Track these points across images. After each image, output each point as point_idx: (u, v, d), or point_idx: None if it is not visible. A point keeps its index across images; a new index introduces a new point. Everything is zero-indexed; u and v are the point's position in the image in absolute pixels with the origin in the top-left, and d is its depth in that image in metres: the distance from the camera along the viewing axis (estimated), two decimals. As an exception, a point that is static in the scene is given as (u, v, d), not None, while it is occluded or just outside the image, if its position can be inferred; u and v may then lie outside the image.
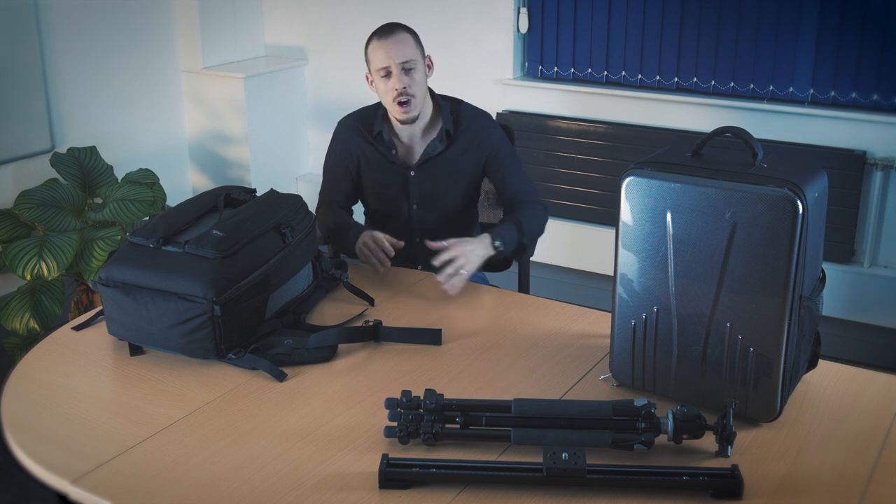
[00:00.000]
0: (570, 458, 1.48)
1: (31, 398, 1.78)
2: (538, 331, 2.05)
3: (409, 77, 2.32)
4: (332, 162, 2.53)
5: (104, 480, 1.52)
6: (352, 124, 2.49)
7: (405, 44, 2.33)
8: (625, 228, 1.69)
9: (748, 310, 1.60)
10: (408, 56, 2.32)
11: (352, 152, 2.48)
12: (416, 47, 2.36)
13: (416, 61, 2.34)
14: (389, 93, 2.33)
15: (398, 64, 2.31)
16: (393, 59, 2.31)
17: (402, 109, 2.34)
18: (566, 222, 4.02)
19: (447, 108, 2.44)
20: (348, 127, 2.49)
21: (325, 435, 1.65)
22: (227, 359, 1.88)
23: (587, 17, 3.92)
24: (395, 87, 2.31)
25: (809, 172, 1.61)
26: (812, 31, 3.48)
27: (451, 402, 1.62)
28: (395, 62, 2.31)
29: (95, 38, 3.97)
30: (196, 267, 1.87)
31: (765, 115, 3.61)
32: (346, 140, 2.48)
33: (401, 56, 2.31)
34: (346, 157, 2.49)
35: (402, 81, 2.31)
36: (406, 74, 2.32)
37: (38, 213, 3.25)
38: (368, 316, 2.11)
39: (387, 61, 2.31)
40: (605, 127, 3.88)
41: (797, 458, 1.57)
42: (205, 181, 4.54)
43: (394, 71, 2.31)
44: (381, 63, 2.32)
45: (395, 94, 2.32)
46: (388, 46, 2.32)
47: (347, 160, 2.49)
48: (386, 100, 2.37)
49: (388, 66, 2.31)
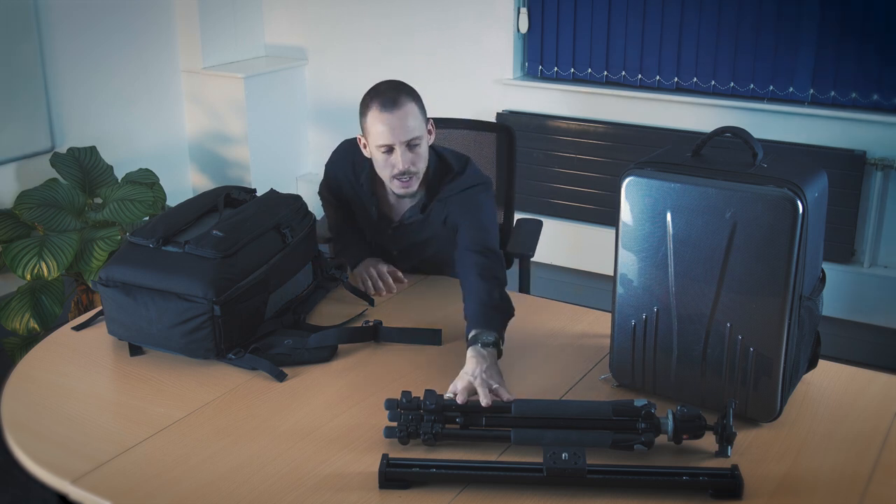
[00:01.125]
0: (570, 458, 1.48)
1: (31, 398, 1.78)
2: (538, 331, 2.04)
3: (413, 153, 2.06)
4: (328, 174, 2.37)
5: (104, 480, 1.52)
6: (345, 157, 2.30)
7: (411, 118, 2.04)
8: (625, 228, 1.69)
9: (748, 310, 1.60)
10: (414, 133, 2.05)
11: (342, 187, 2.33)
12: (421, 117, 2.08)
13: (422, 136, 2.07)
14: (389, 168, 2.08)
15: (403, 142, 2.04)
16: (398, 138, 2.03)
17: (403, 185, 2.10)
18: (566, 222, 4.02)
19: (429, 178, 2.18)
20: (341, 157, 2.32)
21: (325, 435, 1.65)
22: (227, 359, 1.88)
23: (587, 17, 3.92)
24: (399, 167, 2.06)
25: (809, 172, 1.61)
26: (812, 31, 3.48)
27: (451, 403, 1.62)
28: (399, 140, 2.04)
29: (95, 38, 3.97)
30: (196, 267, 1.87)
31: (765, 115, 3.61)
32: (337, 168, 2.33)
33: (406, 134, 2.04)
34: (337, 183, 2.35)
35: (405, 161, 2.05)
36: (410, 151, 2.06)
37: (38, 213, 3.25)
38: (368, 316, 2.11)
39: (391, 139, 2.04)
40: (605, 127, 3.88)
41: (797, 458, 1.57)
42: (205, 181, 4.53)
43: (397, 150, 2.05)
44: (382, 140, 2.04)
45: (396, 171, 2.07)
46: (394, 123, 2.03)
47: (338, 185, 2.35)
48: (384, 173, 2.12)
49: (392, 143, 2.05)
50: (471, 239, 2.08)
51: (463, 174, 2.20)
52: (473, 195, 2.18)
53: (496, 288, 1.96)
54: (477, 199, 2.17)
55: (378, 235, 2.33)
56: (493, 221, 2.17)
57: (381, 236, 2.33)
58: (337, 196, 2.39)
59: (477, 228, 2.11)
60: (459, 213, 2.16)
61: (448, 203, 2.18)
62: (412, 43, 4.19)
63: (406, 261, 2.34)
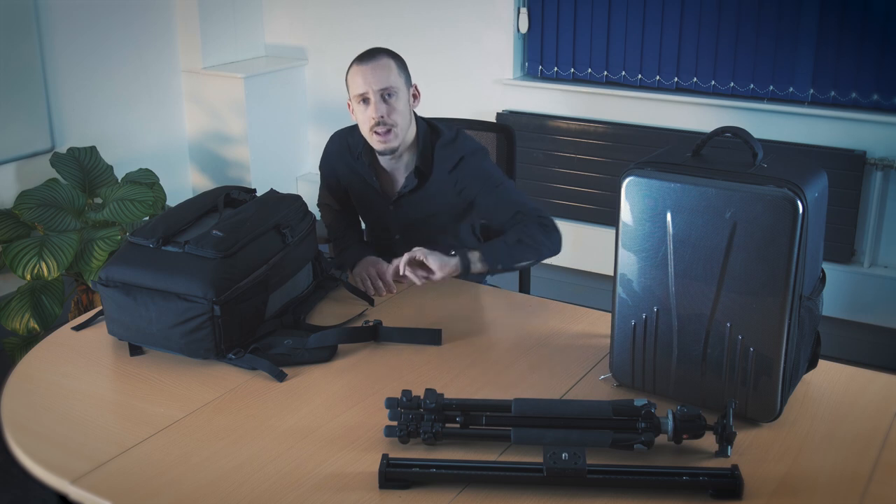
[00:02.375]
0: (570, 458, 1.48)
1: (31, 398, 1.78)
2: (538, 331, 2.05)
3: (387, 105, 2.18)
4: (324, 173, 2.47)
5: (104, 480, 1.52)
6: (340, 143, 2.40)
7: (386, 69, 2.19)
8: (625, 228, 1.69)
9: (748, 310, 1.60)
10: (388, 83, 2.18)
11: (338, 172, 2.41)
12: (400, 74, 2.22)
13: (398, 89, 2.19)
14: (367, 121, 2.20)
15: (376, 91, 2.17)
16: (371, 86, 2.17)
17: (380, 139, 2.21)
18: (566, 222, 4.01)
19: (422, 143, 2.29)
20: (337, 144, 2.41)
21: (325, 435, 1.65)
22: (227, 359, 1.88)
23: (587, 17, 3.92)
24: (372, 115, 2.18)
25: (809, 172, 1.61)
26: (812, 31, 3.48)
27: (451, 402, 1.62)
28: (372, 89, 2.17)
29: (95, 38, 3.97)
30: (196, 267, 1.87)
31: (765, 115, 3.61)
32: (332, 159, 2.42)
33: (380, 82, 2.17)
34: (335, 175, 2.43)
35: (378, 110, 2.17)
36: (384, 102, 2.18)
37: (38, 213, 3.25)
38: (368, 316, 2.11)
39: (364, 87, 2.18)
40: (605, 127, 3.88)
41: (797, 458, 1.57)
42: (205, 181, 4.54)
43: (371, 98, 2.18)
44: (358, 89, 2.19)
45: (371, 122, 2.19)
46: (367, 72, 2.18)
47: (335, 178, 2.43)
48: (364, 129, 2.24)
49: (366, 92, 2.18)
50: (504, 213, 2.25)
51: (456, 140, 2.31)
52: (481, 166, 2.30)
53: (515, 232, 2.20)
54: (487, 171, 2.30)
55: (380, 217, 2.37)
56: (508, 183, 2.31)
57: (383, 217, 2.37)
58: (335, 191, 2.42)
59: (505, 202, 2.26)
60: (477, 189, 2.27)
61: (459, 178, 2.28)
62: (412, 43, 4.19)
63: (409, 245, 2.32)
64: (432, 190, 2.30)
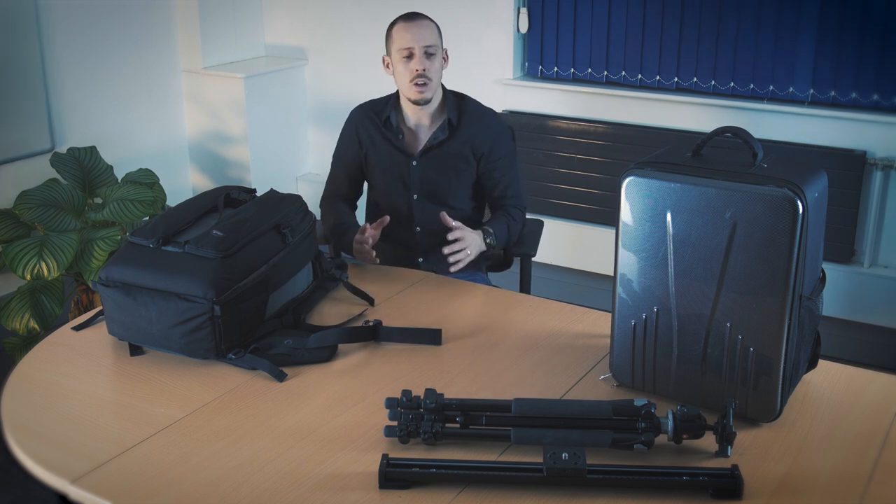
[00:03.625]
0: (570, 458, 1.48)
1: (31, 398, 1.78)
2: (538, 331, 2.05)
3: (429, 61, 2.41)
4: (341, 148, 2.60)
5: (104, 480, 1.52)
6: (363, 110, 2.58)
7: (430, 30, 2.43)
8: (625, 228, 1.69)
9: (748, 310, 1.60)
10: (431, 41, 2.41)
11: (360, 136, 2.55)
12: (438, 37, 2.46)
13: (437, 48, 2.43)
14: (409, 73, 2.40)
15: (422, 47, 2.39)
16: (417, 42, 2.39)
17: (419, 89, 2.41)
18: (566, 222, 4.02)
19: (453, 100, 2.53)
20: (360, 112, 2.58)
21: (325, 435, 1.65)
22: (227, 359, 1.88)
23: (587, 17, 3.92)
24: (417, 68, 2.39)
25: (809, 172, 1.61)
26: (812, 31, 3.48)
27: (451, 402, 1.62)
28: (419, 45, 2.39)
29: (95, 38, 3.97)
30: (196, 267, 1.87)
31: (765, 115, 3.61)
32: (356, 124, 2.56)
33: (425, 40, 2.40)
34: (356, 141, 2.55)
35: (423, 64, 2.40)
36: (427, 58, 2.40)
37: (38, 213, 3.25)
38: (368, 316, 2.11)
39: (411, 43, 2.39)
40: (605, 127, 3.88)
41: (797, 458, 1.57)
42: (205, 181, 4.54)
43: (416, 53, 2.39)
44: (405, 44, 2.39)
45: (414, 73, 2.39)
46: (414, 30, 2.41)
47: (356, 144, 2.55)
48: (403, 81, 2.43)
49: (412, 47, 2.39)
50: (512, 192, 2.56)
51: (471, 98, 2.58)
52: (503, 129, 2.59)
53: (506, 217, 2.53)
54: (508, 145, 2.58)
55: (402, 175, 2.52)
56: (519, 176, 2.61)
57: (405, 174, 2.52)
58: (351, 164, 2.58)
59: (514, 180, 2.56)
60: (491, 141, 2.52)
61: (474, 121, 2.52)
62: (412, 43, 4.19)
63: (424, 211, 2.53)
64: (455, 148, 2.49)
